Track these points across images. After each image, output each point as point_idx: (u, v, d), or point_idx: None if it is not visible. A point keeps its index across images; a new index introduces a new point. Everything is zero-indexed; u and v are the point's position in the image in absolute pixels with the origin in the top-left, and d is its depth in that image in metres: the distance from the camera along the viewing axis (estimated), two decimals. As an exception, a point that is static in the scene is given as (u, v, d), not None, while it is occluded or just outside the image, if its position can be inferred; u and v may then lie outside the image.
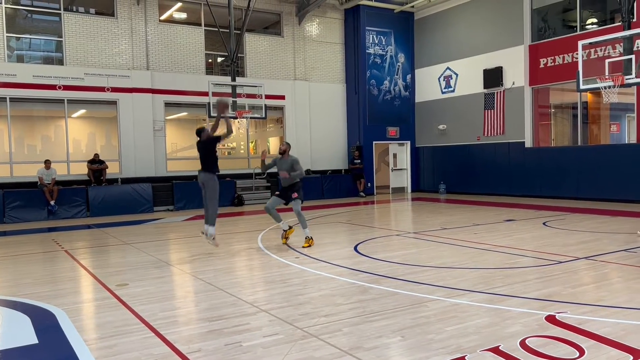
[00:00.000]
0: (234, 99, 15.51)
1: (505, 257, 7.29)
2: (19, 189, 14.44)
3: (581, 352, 3.70)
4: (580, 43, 11.87)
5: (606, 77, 11.00)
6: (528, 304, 4.93)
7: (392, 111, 20.47)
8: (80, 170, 15.88)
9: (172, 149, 18.56)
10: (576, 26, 15.81)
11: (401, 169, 21.20)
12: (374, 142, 20.27)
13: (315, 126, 19.92)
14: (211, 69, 18.43)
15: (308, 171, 19.31)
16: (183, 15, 18.05)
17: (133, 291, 5.93)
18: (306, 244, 8.52)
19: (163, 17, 17.46)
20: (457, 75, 19.08)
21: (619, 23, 12.46)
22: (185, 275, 6.88)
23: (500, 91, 17.55)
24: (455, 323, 4.42)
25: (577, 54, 12.02)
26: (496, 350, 3.79)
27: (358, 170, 19.59)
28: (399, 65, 20.62)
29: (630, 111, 15.36)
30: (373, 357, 3.75)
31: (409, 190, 20.99)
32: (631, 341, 3.89)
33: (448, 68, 19.44)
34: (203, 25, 17.85)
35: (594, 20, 15.96)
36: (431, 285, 5.77)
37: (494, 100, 17.76)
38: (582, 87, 11.79)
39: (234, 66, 16.12)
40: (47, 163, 14.63)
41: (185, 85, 17.30)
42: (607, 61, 11.40)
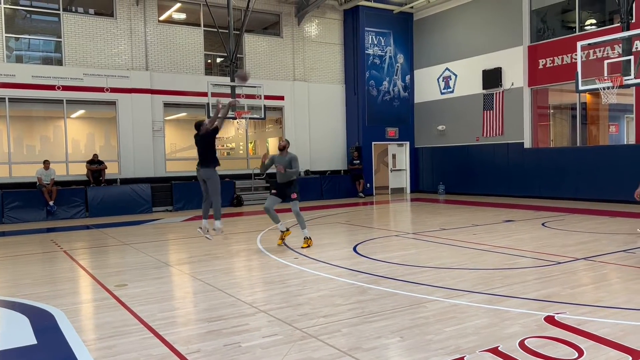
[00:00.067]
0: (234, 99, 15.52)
1: (504, 258, 7.29)
2: (18, 190, 14.43)
3: (580, 353, 3.70)
4: (579, 44, 11.90)
5: (605, 78, 11.02)
6: (527, 305, 4.93)
7: (391, 112, 20.48)
8: (79, 170, 15.87)
9: (171, 150, 18.56)
10: (575, 27, 15.81)
11: (400, 170, 21.20)
12: (373, 143, 20.26)
13: (314, 127, 19.91)
14: (210, 70, 18.42)
15: (307, 172, 19.33)
16: (182, 15, 18.04)
17: (132, 292, 5.93)
18: (305, 245, 8.50)
19: (162, 18, 17.45)
20: (456, 76, 19.08)
21: (618, 24, 12.48)
22: (184, 275, 6.88)
23: (499, 92, 17.55)
24: (454, 324, 4.42)
25: (576, 55, 12.04)
26: (495, 350, 3.79)
27: (357, 170, 19.57)
28: (398, 65, 20.62)
29: (629, 112, 15.38)
30: (372, 358, 3.75)
31: (408, 190, 20.99)
32: (630, 342, 3.89)
33: (447, 69, 19.44)
34: (202, 25, 17.84)
35: (593, 21, 15.97)
36: (430, 285, 5.77)
37: (493, 101, 17.76)
38: (581, 88, 11.82)
39: (233, 67, 16.11)
40: (46, 163, 14.63)
41: (184, 85, 17.30)
42: (606, 62, 11.43)
